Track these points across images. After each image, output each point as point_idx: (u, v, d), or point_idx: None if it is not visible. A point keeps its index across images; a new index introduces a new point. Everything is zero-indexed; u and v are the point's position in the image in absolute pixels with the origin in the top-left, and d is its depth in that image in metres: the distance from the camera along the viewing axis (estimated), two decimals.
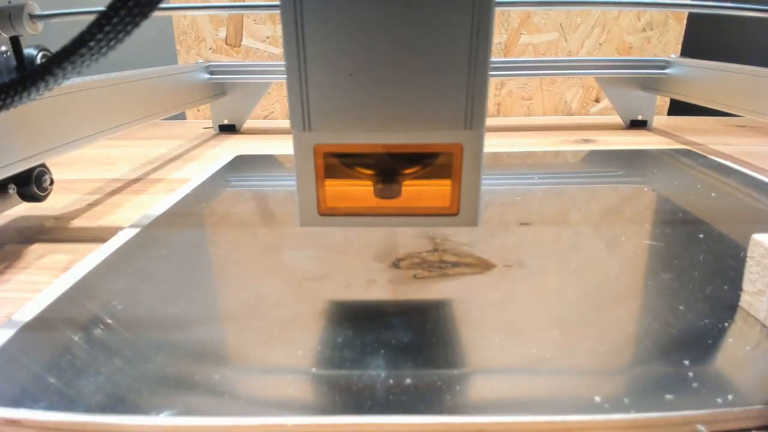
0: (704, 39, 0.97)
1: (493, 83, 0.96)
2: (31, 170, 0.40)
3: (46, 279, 0.32)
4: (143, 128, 0.88)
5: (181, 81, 0.71)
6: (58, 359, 0.21)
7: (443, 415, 0.17)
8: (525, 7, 0.90)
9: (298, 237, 0.33)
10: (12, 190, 0.40)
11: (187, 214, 0.38)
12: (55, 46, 0.22)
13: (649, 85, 0.79)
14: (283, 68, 0.20)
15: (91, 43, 0.18)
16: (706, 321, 0.23)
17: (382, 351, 0.21)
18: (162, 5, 0.18)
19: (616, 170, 0.48)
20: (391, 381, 0.19)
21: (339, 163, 0.22)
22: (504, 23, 0.93)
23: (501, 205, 0.38)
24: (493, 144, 0.71)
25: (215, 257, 0.31)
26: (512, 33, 0.94)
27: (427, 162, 0.22)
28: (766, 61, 0.61)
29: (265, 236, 0.34)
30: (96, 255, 0.30)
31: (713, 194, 0.39)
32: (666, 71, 0.76)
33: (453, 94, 0.20)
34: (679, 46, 0.93)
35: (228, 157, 0.55)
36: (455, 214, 0.23)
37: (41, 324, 0.24)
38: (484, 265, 0.29)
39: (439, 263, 0.29)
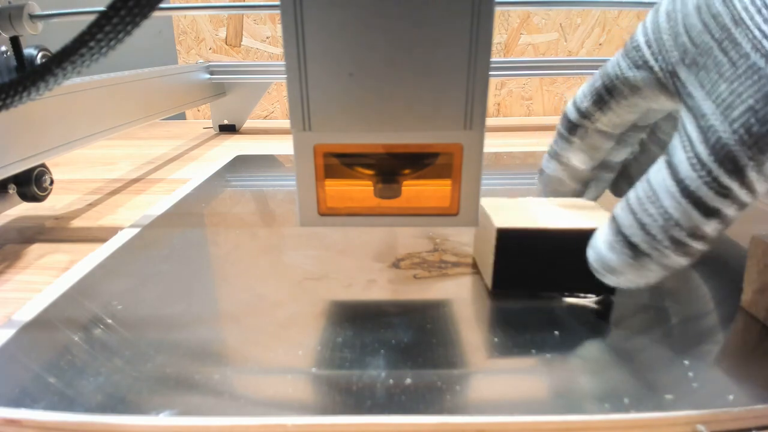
0: None
1: (493, 83, 0.96)
2: (31, 170, 0.40)
3: (46, 279, 0.32)
4: (143, 128, 0.88)
5: (181, 81, 0.71)
6: (58, 359, 0.21)
7: (443, 415, 0.17)
8: (525, 7, 0.90)
9: (298, 237, 0.33)
10: (12, 190, 0.40)
11: (187, 214, 0.38)
12: (55, 46, 0.22)
13: None
14: (283, 68, 0.20)
15: (91, 43, 0.18)
16: (707, 321, 0.23)
17: (382, 351, 0.21)
18: (162, 5, 0.18)
19: None
20: (391, 381, 0.19)
21: (339, 163, 0.22)
22: (504, 23, 0.93)
23: None
24: (493, 144, 0.71)
25: (215, 257, 0.31)
26: (512, 33, 0.94)
27: (427, 162, 0.22)
28: None
29: (265, 236, 0.34)
30: (96, 255, 0.30)
31: None
32: None
33: (453, 94, 0.20)
34: None
35: (228, 157, 0.56)
36: (455, 214, 0.23)
37: (41, 324, 0.24)
38: None
39: (439, 263, 0.29)
